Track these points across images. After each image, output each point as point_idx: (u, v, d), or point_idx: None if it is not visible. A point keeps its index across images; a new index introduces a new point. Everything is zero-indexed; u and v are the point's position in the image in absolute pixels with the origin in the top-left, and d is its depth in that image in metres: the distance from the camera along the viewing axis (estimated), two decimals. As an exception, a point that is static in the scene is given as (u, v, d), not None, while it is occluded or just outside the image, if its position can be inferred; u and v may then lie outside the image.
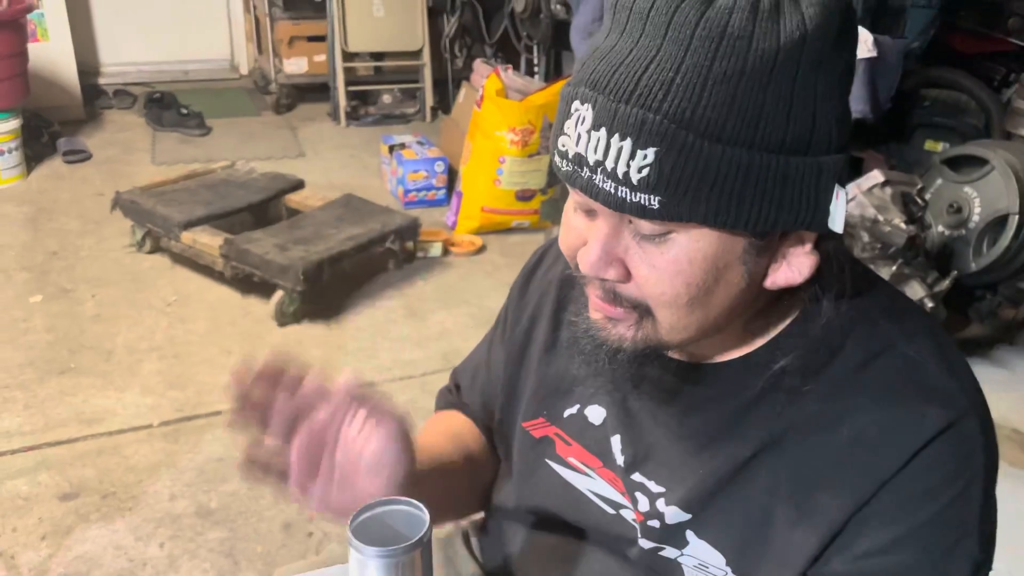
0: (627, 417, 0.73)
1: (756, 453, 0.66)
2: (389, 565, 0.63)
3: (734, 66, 0.52)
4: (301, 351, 2.37)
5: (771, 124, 0.54)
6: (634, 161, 0.54)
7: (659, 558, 0.72)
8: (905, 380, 0.63)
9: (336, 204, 2.81)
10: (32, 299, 2.57)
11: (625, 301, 0.61)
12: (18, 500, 1.79)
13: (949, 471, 0.61)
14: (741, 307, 0.62)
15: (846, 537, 0.63)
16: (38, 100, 3.66)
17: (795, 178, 0.55)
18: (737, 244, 0.58)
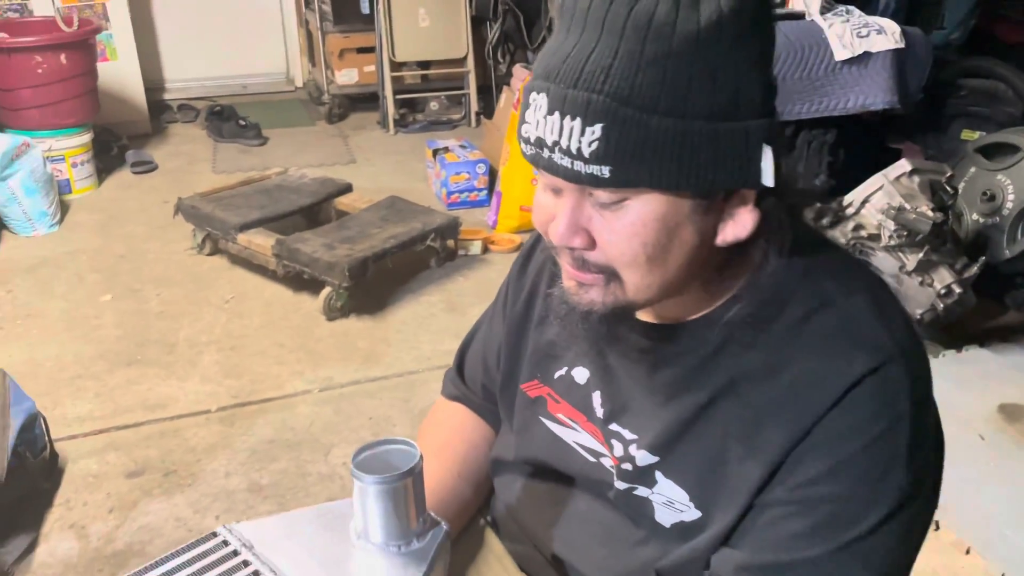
0: (606, 375, 0.82)
1: (712, 400, 0.73)
2: (385, 491, 0.73)
3: (662, 48, 0.60)
4: (347, 344, 2.51)
5: (699, 95, 0.61)
6: (584, 137, 0.62)
7: (633, 497, 0.80)
8: (839, 331, 0.70)
9: (381, 205, 2.95)
10: (103, 298, 2.77)
11: (593, 267, 0.69)
12: (89, 477, 1.96)
13: (874, 410, 0.68)
14: (697, 265, 0.70)
15: (786, 469, 0.70)
16: (108, 116, 3.89)
17: (725, 141, 0.63)
18: (684, 205, 0.65)
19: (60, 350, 2.45)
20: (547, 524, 0.89)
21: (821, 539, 0.69)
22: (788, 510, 0.70)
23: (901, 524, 0.69)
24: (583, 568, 0.86)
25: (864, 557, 0.69)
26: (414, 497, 0.74)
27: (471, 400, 1.02)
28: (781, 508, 0.70)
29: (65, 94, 3.44)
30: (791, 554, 0.69)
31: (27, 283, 2.84)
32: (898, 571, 0.73)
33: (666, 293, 0.71)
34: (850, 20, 2.49)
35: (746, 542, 0.72)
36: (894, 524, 0.69)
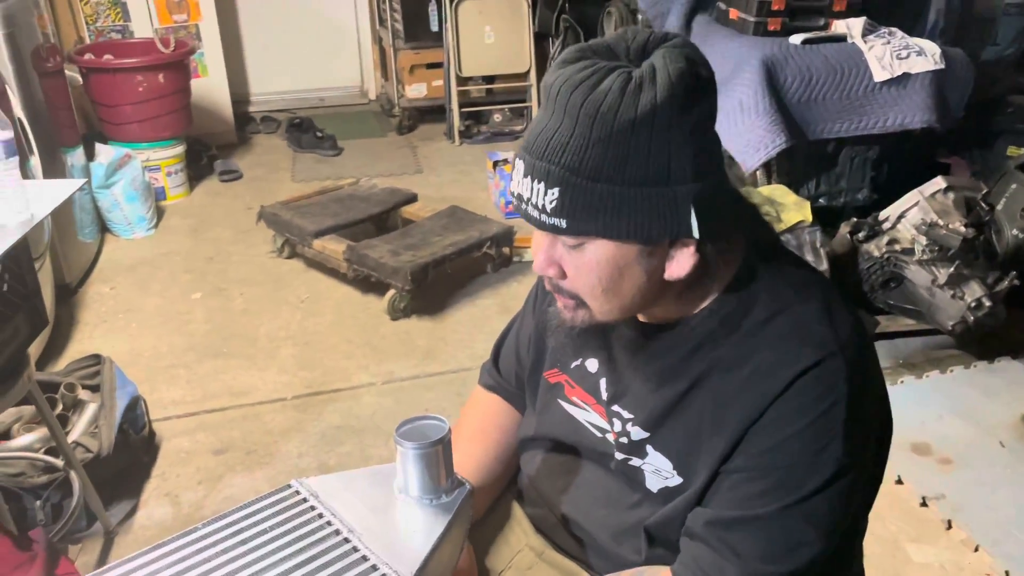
0: (611, 366, 0.99)
1: (692, 386, 0.90)
2: (420, 455, 0.92)
3: (605, 131, 0.77)
4: (408, 342, 2.74)
5: (634, 167, 0.77)
6: (546, 197, 0.80)
7: (628, 466, 0.97)
8: (792, 331, 0.86)
9: (442, 214, 3.18)
10: (193, 296, 3.07)
11: (566, 293, 0.88)
12: (181, 453, 2.23)
13: (816, 394, 0.83)
14: (652, 293, 0.87)
15: (745, 442, 0.86)
16: (198, 128, 4.21)
17: (657, 202, 0.79)
18: (631, 250, 0.82)
19: (156, 342, 2.75)
20: (559, 490, 1.07)
21: (772, 499, 0.84)
22: (746, 476, 0.86)
23: (839, 489, 0.84)
24: (587, 526, 1.03)
25: (807, 515, 0.84)
26: (443, 461, 0.94)
27: (504, 389, 1.20)
28: (741, 474, 0.86)
29: (162, 109, 3.78)
30: (748, 511, 0.85)
31: (128, 281, 3.16)
32: (838, 529, 0.86)
33: (628, 313, 0.89)
34: (891, 42, 2.58)
35: (713, 502, 0.89)
36: (833, 489, 0.84)
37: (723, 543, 0.86)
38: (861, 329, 0.90)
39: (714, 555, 0.86)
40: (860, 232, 2.49)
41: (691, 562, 0.88)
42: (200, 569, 0.82)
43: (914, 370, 2.47)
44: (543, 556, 1.09)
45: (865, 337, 0.90)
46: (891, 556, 1.82)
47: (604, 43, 0.83)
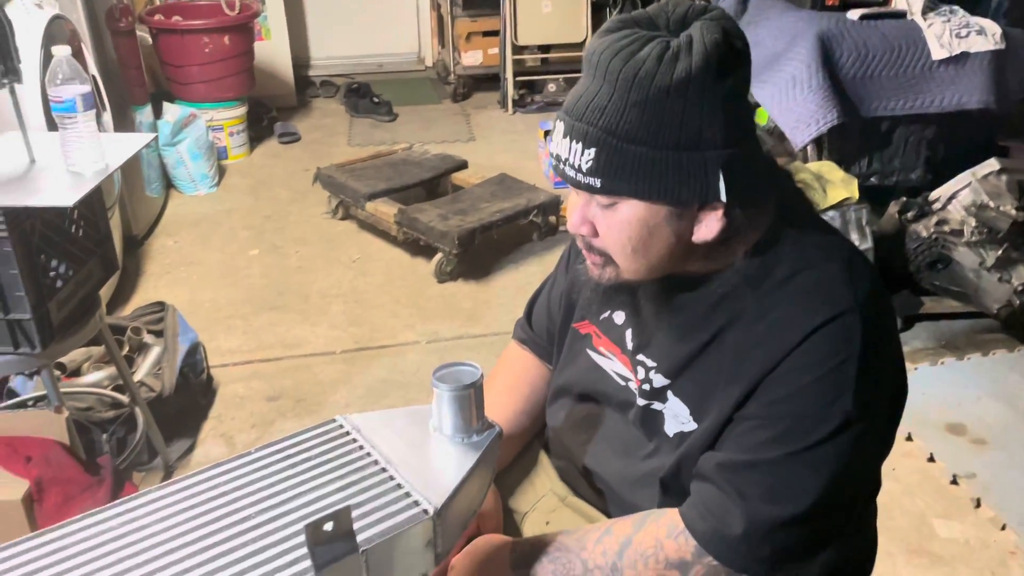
0: (637, 318, 1.05)
1: (713, 338, 0.95)
2: (454, 397, 1.00)
3: (641, 96, 0.82)
4: (453, 304, 2.82)
5: (668, 131, 0.82)
6: (583, 157, 0.85)
7: (650, 410, 1.02)
8: (813, 288, 0.90)
9: (491, 182, 3.24)
10: (251, 252, 3.20)
11: (596, 251, 0.93)
12: (236, 398, 2.36)
13: (829, 349, 0.87)
14: (679, 254, 0.92)
15: (759, 391, 0.90)
16: (260, 90, 4.33)
17: (687, 166, 0.84)
18: (660, 211, 0.87)
19: (215, 294, 2.89)
20: (581, 442, 1.13)
21: (779, 445, 0.89)
22: (757, 423, 0.91)
23: (845, 441, 0.88)
24: (606, 477, 1.10)
25: (812, 463, 0.89)
26: (475, 403, 1.00)
27: (536, 343, 1.27)
28: (752, 421, 0.91)
29: (227, 71, 3.90)
30: (757, 455, 0.90)
31: (190, 236, 3.31)
32: (842, 481, 0.90)
33: (654, 273, 0.94)
34: (951, 20, 2.53)
35: (725, 446, 0.94)
36: (839, 440, 0.88)
37: (730, 484, 0.91)
38: (881, 292, 0.94)
39: (721, 495, 0.91)
40: (909, 212, 2.48)
41: (699, 502, 0.93)
42: (252, 488, 0.90)
43: (956, 352, 2.46)
44: (566, 501, 1.16)
45: (884, 300, 0.94)
46: (916, 530, 1.85)
47: (645, 14, 0.87)
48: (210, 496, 0.87)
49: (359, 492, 0.89)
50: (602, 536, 0.97)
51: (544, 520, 1.15)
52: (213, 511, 0.84)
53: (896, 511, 1.89)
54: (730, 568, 0.91)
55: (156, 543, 0.80)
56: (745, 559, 0.91)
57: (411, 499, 0.88)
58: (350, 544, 0.79)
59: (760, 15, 2.78)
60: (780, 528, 0.89)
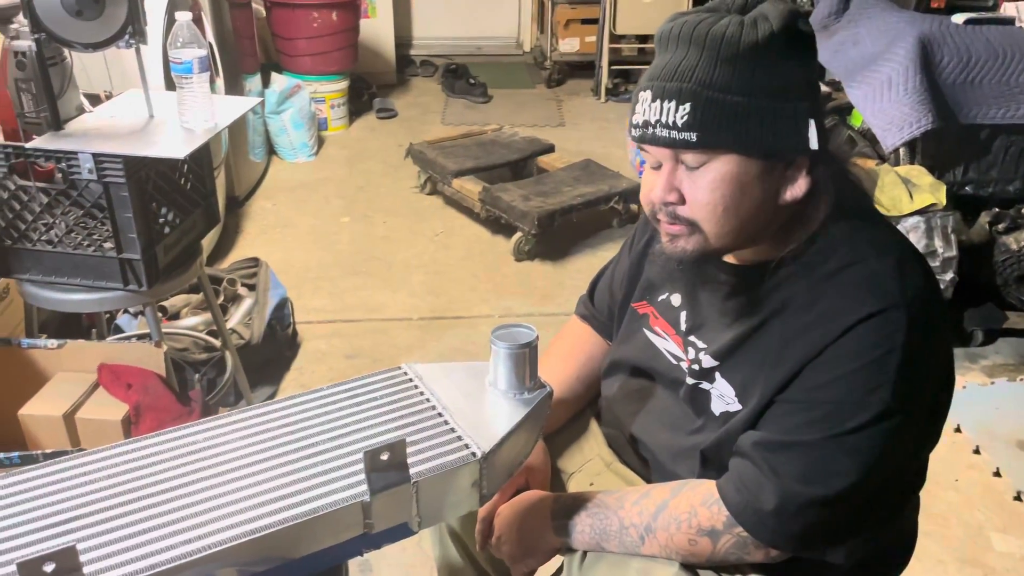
0: (693, 301, 1.09)
1: (762, 323, 0.98)
2: (510, 355, 1.07)
3: (732, 51, 0.87)
4: (528, 282, 2.90)
5: (761, 79, 0.87)
6: (678, 113, 0.88)
7: (698, 390, 1.07)
8: (863, 281, 0.93)
9: (576, 166, 3.29)
10: (342, 219, 3.35)
11: (682, 220, 0.94)
12: (317, 353, 2.50)
13: (873, 341, 0.90)
14: (764, 219, 0.94)
15: (801, 377, 0.93)
16: (363, 66, 4.50)
17: (780, 114, 0.88)
18: (753, 167, 0.89)
19: (306, 256, 3.05)
20: (631, 413, 1.19)
21: (817, 428, 0.92)
22: (797, 406, 0.94)
23: (882, 431, 0.91)
24: (651, 447, 1.15)
25: (847, 448, 0.91)
26: (529, 363, 1.07)
27: (595, 319, 1.33)
28: (792, 404, 0.94)
29: (332, 45, 4.07)
30: (794, 436, 0.93)
31: (287, 200, 3.49)
32: (875, 469, 0.92)
33: (740, 241, 0.97)
34: (1065, 27, 2.44)
35: (764, 426, 0.97)
36: (876, 429, 0.90)
37: (766, 462, 0.94)
38: (932, 291, 0.95)
39: (756, 472, 0.95)
40: (1001, 223, 2.40)
41: (735, 476, 0.97)
42: (321, 418, 1.00)
43: (1038, 371, 2.39)
44: (611, 466, 1.22)
45: (935, 299, 0.95)
46: (972, 541, 1.83)
47: (708, 5, 0.93)
48: (285, 422, 0.97)
49: (415, 431, 0.97)
50: (640, 498, 1.03)
51: (588, 482, 1.21)
52: (286, 434, 0.94)
53: (953, 520, 1.87)
54: (759, 541, 0.95)
55: (234, 457, 0.91)
56: (774, 534, 0.95)
57: (462, 442, 0.95)
58: (403, 474, 0.88)
59: (861, 14, 2.73)
60: (811, 508, 0.92)
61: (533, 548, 1.09)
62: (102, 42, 1.47)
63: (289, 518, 0.82)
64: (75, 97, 1.58)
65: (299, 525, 0.82)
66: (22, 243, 1.57)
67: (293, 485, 0.86)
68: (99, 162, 1.46)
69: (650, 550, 1.00)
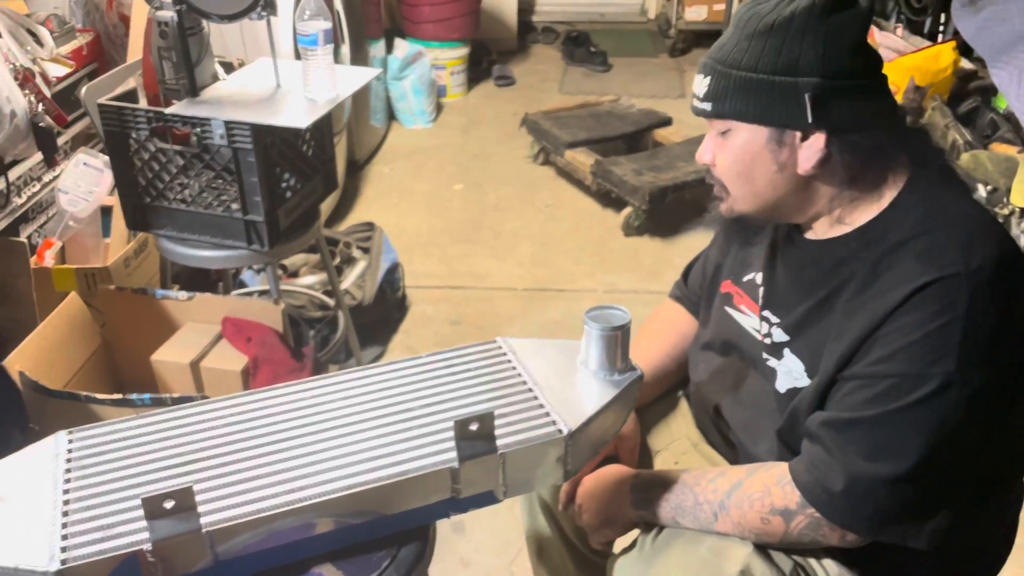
0: (772, 277, 1.10)
1: (828, 296, 0.99)
2: (602, 336, 1.09)
3: (751, 30, 0.95)
4: (635, 259, 2.88)
5: (767, 58, 0.94)
6: (701, 85, 1.00)
7: (766, 367, 1.08)
8: (922, 251, 0.91)
9: (693, 142, 3.22)
10: (455, 187, 3.42)
11: (717, 181, 1.05)
12: (424, 317, 2.59)
13: (933, 310, 0.88)
14: (785, 187, 0.99)
15: (863, 351, 0.93)
16: (484, 32, 4.52)
17: (781, 90, 0.94)
18: (760, 136, 0.97)
19: (418, 221, 3.14)
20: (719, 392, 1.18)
21: (879, 404, 0.91)
22: (860, 383, 0.93)
23: (947, 404, 0.88)
24: (734, 427, 1.15)
25: (912, 421, 0.90)
26: (621, 345, 1.09)
27: (687, 299, 1.33)
28: (855, 381, 0.94)
29: (455, 12, 4.11)
30: (858, 413, 0.93)
31: (404, 165, 3.59)
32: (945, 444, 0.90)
33: (765, 208, 1.02)
34: None
35: (830, 405, 0.97)
36: (940, 401, 0.88)
37: (833, 442, 0.94)
38: (1011, 263, 0.92)
39: (825, 452, 0.95)
40: None
41: (806, 458, 0.98)
42: (418, 384, 1.05)
43: None
44: (697, 447, 1.23)
45: (1011, 274, 0.91)
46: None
47: None
48: (385, 385, 1.03)
49: (505, 404, 1.01)
50: (716, 477, 1.04)
51: (674, 460, 1.22)
52: (385, 398, 1.00)
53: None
54: (832, 522, 0.95)
55: (337, 415, 0.97)
56: (846, 515, 0.94)
57: (549, 418, 0.98)
58: (490, 445, 0.92)
59: (1015, -12, 2.53)
60: (880, 486, 0.92)
61: (611, 519, 1.12)
62: (236, 14, 1.56)
63: (383, 477, 0.87)
64: (210, 65, 1.69)
65: (392, 484, 0.87)
66: (160, 201, 1.70)
67: (389, 446, 0.92)
68: (230, 128, 1.56)
69: (723, 527, 1.01)
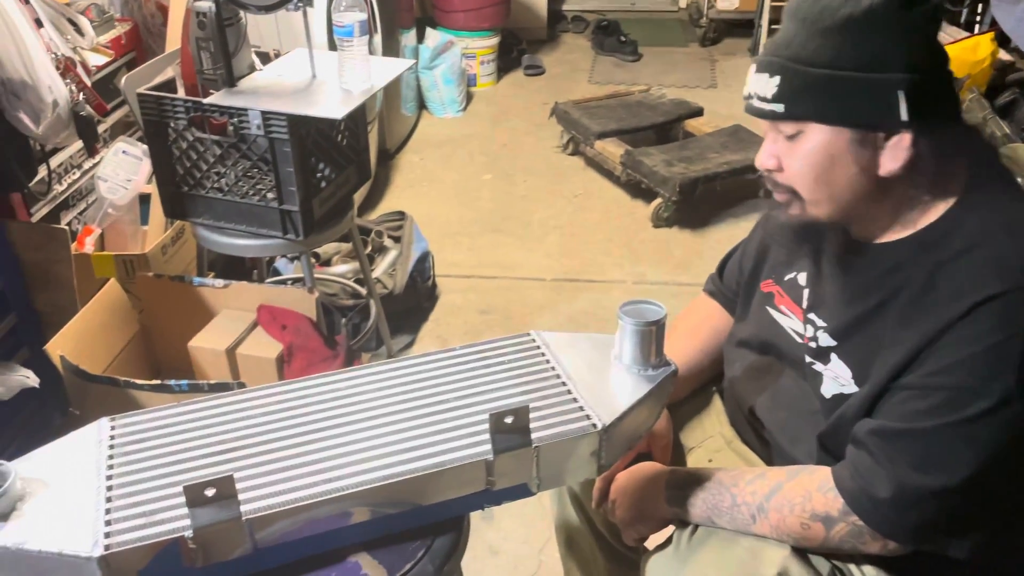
0: (817, 279, 1.08)
1: (881, 303, 0.97)
2: (637, 331, 1.08)
3: (825, 24, 0.89)
4: (664, 250, 2.87)
5: (849, 54, 0.89)
6: (768, 85, 0.93)
7: (811, 370, 1.06)
8: (984, 262, 0.89)
9: (724, 132, 3.19)
10: (484, 176, 3.42)
11: (782, 188, 0.99)
12: (453, 307, 2.60)
13: (993, 324, 0.87)
14: (867, 191, 0.94)
15: (918, 361, 0.91)
16: (514, 21, 4.50)
17: (867, 87, 0.89)
18: (842, 137, 0.91)
19: (448, 211, 3.15)
20: (753, 393, 1.18)
21: (935, 416, 0.89)
22: (915, 393, 0.92)
23: (1003, 420, 0.87)
24: (771, 428, 1.14)
25: (966, 436, 0.88)
26: (655, 340, 1.08)
27: (722, 295, 1.32)
28: (910, 391, 0.92)
29: (486, 1, 4.09)
30: (910, 424, 0.91)
31: (434, 155, 3.60)
32: (997, 459, 0.88)
33: (840, 211, 0.97)
34: None
35: (880, 413, 0.95)
36: (996, 417, 0.87)
37: (882, 451, 0.93)
38: None
39: (872, 460, 0.94)
40: None
41: (850, 464, 0.96)
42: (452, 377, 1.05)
43: None
44: (731, 445, 1.22)
45: None
46: None
47: None
48: (420, 376, 1.04)
49: (539, 398, 1.01)
50: (755, 478, 1.03)
51: (707, 458, 1.22)
52: (420, 389, 1.01)
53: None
54: (875, 530, 0.94)
55: (373, 406, 0.98)
56: (890, 524, 0.93)
57: (583, 413, 0.98)
58: (525, 438, 0.92)
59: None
60: (928, 498, 0.90)
61: (645, 515, 1.12)
62: (274, 4, 1.57)
63: (419, 468, 0.88)
64: (247, 55, 1.70)
65: (427, 476, 0.88)
66: (197, 190, 1.72)
67: (424, 438, 0.93)
68: (266, 118, 1.57)
69: (761, 530, 1.01)
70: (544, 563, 1.76)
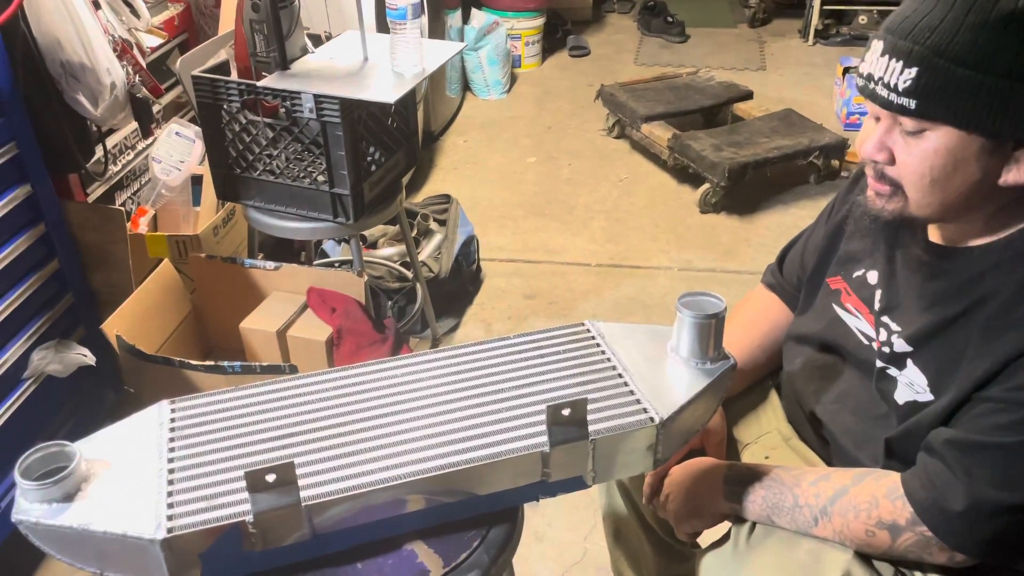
0: (890, 280, 1.04)
1: (964, 312, 0.92)
2: (695, 324, 1.06)
3: (980, 19, 0.80)
4: (712, 236, 2.82)
5: (1003, 58, 0.80)
6: (901, 76, 0.84)
7: (885, 375, 1.03)
8: None
9: (774, 116, 3.12)
10: (529, 159, 3.40)
11: (887, 180, 0.92)
12: (498, 291, 2.59)
13: None
14: (977, 198, 0.88)
15: (1005, 375, 0.87)
16: (558, 2, 4.45)
17: (1017, 96, 0.80)
18: (973, 144, 0.84)
19: (492, 194, 3.13)
20: (813, 391, 1.15)
21: (1017, 432, 0.86)
22: (998, 406, 0.88)
23: None
24: (832, 428, 1.11)
25: None
26: (714, 333, 1.06)
27: (782, 288, 1.29)
28: (993, 404, 0.89)
29: (531, -19, 4.07)
30: (991, 438, 0.88)
31: (479, 136, 3.58)
32: None
33: (944, 214, 0.92)
34: None
35: (959, 424, 0.92)
36: None
37: (959, 463, 0.90)
38: None
39: (947, 472, 0.91)
40: None
41: (923, 473, 0.93)
42: (507, 366, 1.05)
43: None
44: (789, 442, 1.19)
45: None
46: None
47: None
48: (475, 365, 1.03)
49: (596, 390, 1.00)
50: (819, 479, 1.01)
51: (764, 454, 1.19)
52: (476, 378, 1.00)
53: None
54: (943, 543, 0.91)
55: (429, 395, 0.98)
56: (961, 537, 0.90)
57: (640, 406, 0.97)
58: (582, 431, 0.91)
59: None
60: (1003, 514, 0.88)
61: (700, 510, 1.10)
62: (327, -13, 1.56)
63: (476, 459, 0.88)
64: (300, 38, 1.70)
65: (484, 466, 0.88)
66: (248, 172, 1.73)
67: (480, 428, 0.92)
68: (319, 102, 1.57)
69: (822, 532, 0.98)
70: (589, 551, 1.76)
